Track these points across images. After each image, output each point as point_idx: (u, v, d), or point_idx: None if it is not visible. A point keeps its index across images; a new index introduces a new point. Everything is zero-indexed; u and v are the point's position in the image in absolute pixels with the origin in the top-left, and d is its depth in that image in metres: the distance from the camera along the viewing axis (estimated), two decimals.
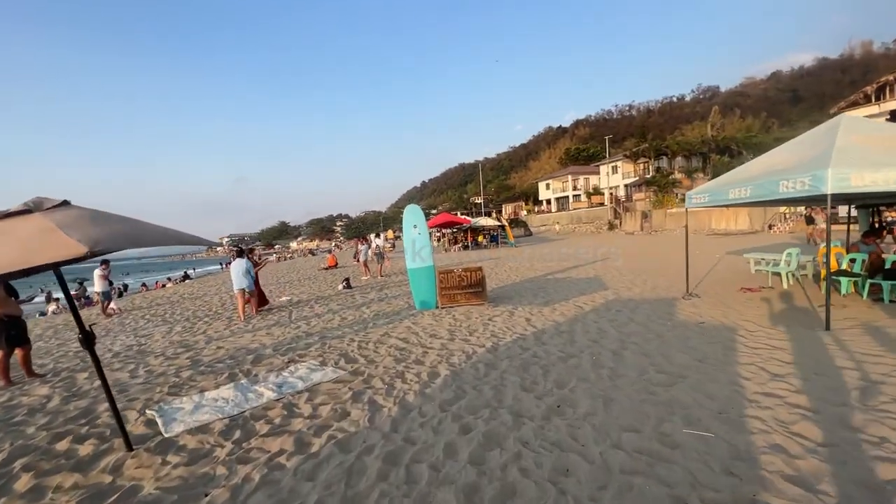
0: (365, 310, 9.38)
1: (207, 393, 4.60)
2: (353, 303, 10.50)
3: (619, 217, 43.43)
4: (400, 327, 7.33)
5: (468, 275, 8.63)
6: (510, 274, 14.13)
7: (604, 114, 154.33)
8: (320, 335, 7.21)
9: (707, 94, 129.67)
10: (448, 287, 8.61)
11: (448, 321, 7.50)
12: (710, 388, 3.84)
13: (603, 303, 8.19)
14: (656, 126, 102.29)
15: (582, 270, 13.76)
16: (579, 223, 48.64)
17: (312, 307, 10.37)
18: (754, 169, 7.09)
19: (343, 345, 6.40)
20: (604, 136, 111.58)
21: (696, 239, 25.04)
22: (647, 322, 6.48)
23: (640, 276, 11.60)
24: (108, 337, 8.77)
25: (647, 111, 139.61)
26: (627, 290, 9.40)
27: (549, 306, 8.22)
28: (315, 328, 7.86)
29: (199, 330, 8.63)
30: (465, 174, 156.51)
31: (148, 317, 11.01)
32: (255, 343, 7.02)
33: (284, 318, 9.19)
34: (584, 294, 9.31)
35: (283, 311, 10.03)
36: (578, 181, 62.37)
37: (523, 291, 10.27)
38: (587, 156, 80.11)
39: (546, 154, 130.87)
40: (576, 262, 16.58)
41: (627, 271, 12.79)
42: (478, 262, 18.47)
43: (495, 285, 11.74)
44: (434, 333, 6.67)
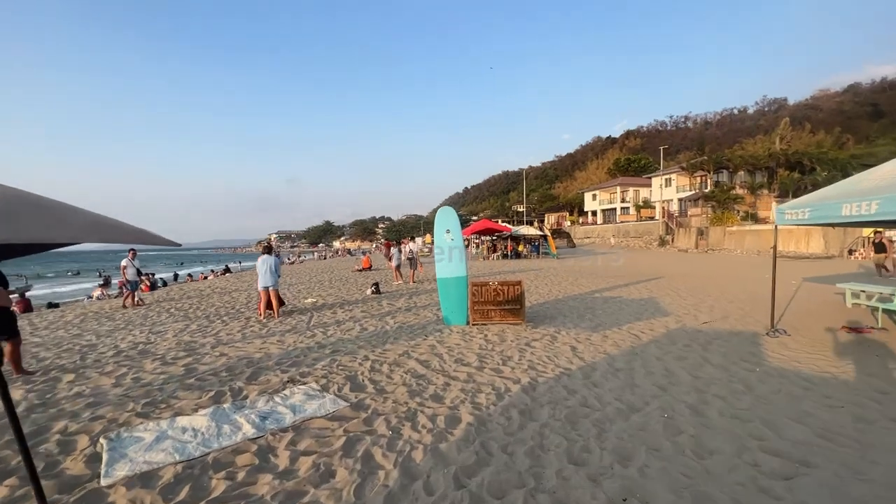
0: (389, 320, 8.50)
1: (179, 419, 3.80)
2: (378, 310, 9.66)
3: (671, 233, 40.73)
4: (423, 346, 6.36)
5: (505, 289, 7.56)
6: (552, 288, 12.88)
7: (657, 125, 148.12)
8: (333, 348, 6.36)
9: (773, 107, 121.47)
10: (481, 302, 7.57)
11: (479, 342, 6.46)
12: (858, 490, 2.61)
13: (664, 333, 6.88)
14: (714, 139, 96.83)
15: (633, 289, 12.31)
16: (627, 237, 46.14)
17: (335, 312, 9.61)
18: (877, 180, 5.61)
19: (355, 364, 5.51)
20: (656, 147, 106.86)
21: (760, 261, 22.67)
22: (728, 365, 5.17)
23: (703, 300, 10.07)
24: (124, 330, 8.35)
25: (704, 123, 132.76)
26: (692, 318, 8.00)
27: (598, 332, 7.00)
28: (331, 339, 7.04)
29: (213, 330, 8.02)
30: (508, 182, 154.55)
31: (172, 310, 10.64)
32: (262, 352, 6.27)
33: (303, 323, 8.46)
34: (640, 319, 8.00)
35: (304, 315, 9.33)
36: (628, 193, 59.52)
37: (567, 311, 9.06)
38: (638, 167, 76.67)
39: (593, 164, 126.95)
40: (626, 279, 15.06)
41: (687, 293, 11.25)
42: (517, 274, 17.34)
43: (535, 301, 10.57)
44: (460, 358, 5.65)
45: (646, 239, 43.01)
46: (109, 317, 10.14)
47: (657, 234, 42.08)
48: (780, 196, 40.98)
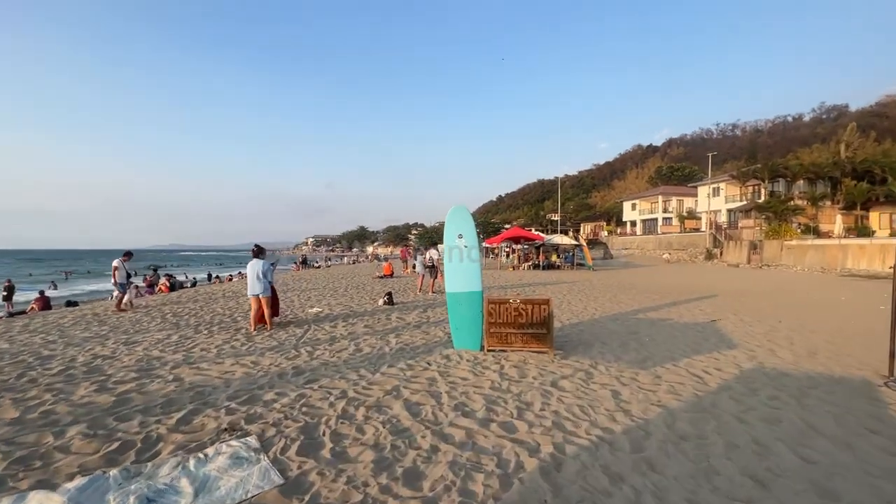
0: (392, 339, 7.23)
1: (35, 495, 2.63)
2: (384, 325, 8.42)
3: (719, 245, 37.71)
4: (421, 379, 5.04)
5: (528, 309, 6.13)
6: (587, 305, 11.26)
7: (702, 133, 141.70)
8: (311, 376, 5.14)
9: (832, 114, 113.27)
10: (499, 323, 6.17)
11: (491, 377, 5.07)
12: None
13: (737, 374, 5.26)
14: (765, 148, 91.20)
15: (684, 310, 10.53)
16: (669, 249, 43.25)
17: (336, 326, 8.44)
18: None
19: (324, 405, 4.24)
20: (700, 156, 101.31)
21: (827, 281, 20.01)
22: (849, 437, 3.56)
23: (775, 327, 8.24)
24: (100, 339, 7.47)
25: (754, 131, 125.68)
26: (769, 353, 6.29)
27: (647, 369, 5.46)
28: (314, 362, 5.82)
29: (190, 344, 6.99)
30: (543, 190, 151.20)
31: (168, 316, 9.78)
32: (224, 378, 5.12)
33: (293, 338, 7.32)
34: (700, 352, 6.37)
35: (300, 328, 8.21)
36: (670, 202, 56.26)
37: (606, 335, 7.50)
38: (682, 176, 72.85)
39: (632, 174, 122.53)
40: (673, 296, 13.20)
41: (752, 317, 9.40)
42: (548, 287, 15.69)
43: (567, 320, 9.03)
44: (463, 403, 4.28)
45: (690, 252, 40.08)
46: (102, 321, 9.37)
47: (703, 246, 39.10)
48: (846, 208, 37.22)
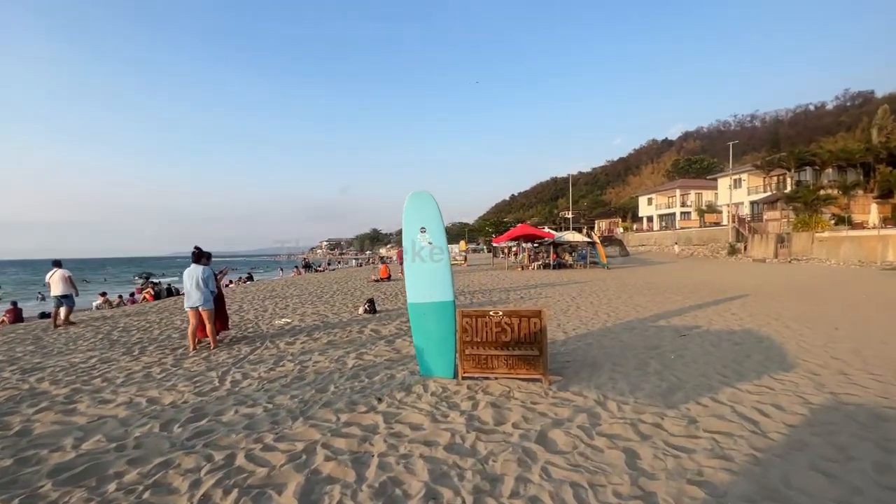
0: (350, 359, 5.84)
1: None
2: (351, 340, 7.03)
3: (743, 239, 35.48)
4: (355, 428, 3.62)
5: (514, 323, 4.65)
6: (599, 310, 9.70)
7: (719, 125, 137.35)
8: (201, 429, 3.75)
9: (857, 101, 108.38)
10: (477, 343, 4.71)
11: (454, 425, 3.63)
12: None
13: (808, 418, 3.69)
14: (787, 139, 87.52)
15: (714, 314, 8.90)
16: (689, 244, 41.09)
17: (295, 341, 7.09)
18: None
19: (181, 488, 2.86)
20: (718, 149, 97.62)
21: (868, 275, 18.00)
22: None
23: (832, 335, 6.59)
24: (13, 361, 6.26)
25: (774, 121, 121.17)
26: (841, 378, 4.68)
27: (676, 408, 3.93)
28: (230, 399, 4.45)
29: (107, 369, 5.69)
30: (556, 188, 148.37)
31: (106, 333, 8.52)
32: (93, 424, 3.78)
33: (234, 359, 5.99)
34: (745, 376, 4.80)
35: (251, 346, 6.88)
36: (689, 196, 53.88)
37: (619, 351, 5.97)
38: (700, 168, 70.17)
39: (648, 169, 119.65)
40: (699, 296, 11.53)
41: (797, 322, 7.74)
42: (555, 287, 13.87)
43: (573, 329, 7.51)
44: (396, 477, 2.85)
45: (711, 247, 37.91)
46: (38, 339, 8.21)
47: (725, 241, 36.91)
48: (881, 197, 34.61)
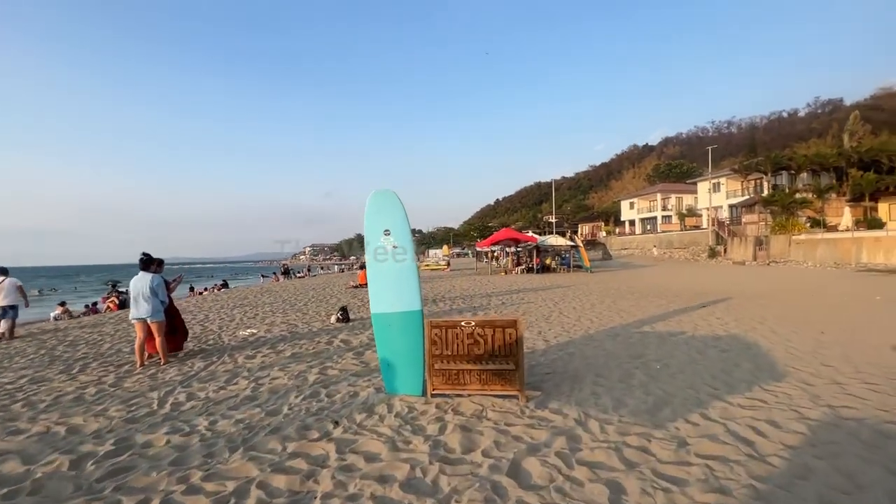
0: (312, 374, 5.34)
1: None
2: (318, 353, 6.53)
3: (722, 242, 35.88)
4: (301, 460, 3.15)
5: (488, 334, 4.24)
6: (582, 315, 9.37)
7: (697, 131, 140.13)
8: (119, 466, 3.23)
9: (827, 108, 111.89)
10: (448, 356, 4.28)
11: (417, 454, 3.19)
12: None
13: (807, 437, 3.34)
14: (762, 144, 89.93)
15: (699, 318, 8.64)
16: (670, 248, 41.44)
17: (256, 355, 6.54)
18: None
19: None
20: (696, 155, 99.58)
21: (844, 276, 18.17)
22: None
23: (824, 343, 6.34)
24: None
25: (750, 128, 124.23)
26: (836, 387, 4.38)
27: (664, 427, 3.56)
28: (186, 413, 3.98)
29: (35, 390, 5.09)
30: (540, 193, 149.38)
31: (50, 347, 7.82)
32: (31, 447, 3.22)
33: (183, 376, 5.44)
34: (735, 387, 4.47)
35: (208, 359, 6.32)
36: (669, 200, 54.60)
37: (602, 361, 5.60)
38: (679, 173, 71.27)
39: (629, 173, 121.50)
40: (683, 300, 11.31)
41: (786, 328, 7.50)
42: (538, 292, 13.51)
43: (554, 338, 7.13)
44: None
45: (692, 250, 38.26)
46: None
47: (706, 244, 37.28)
48: (854, 200, 35.41)
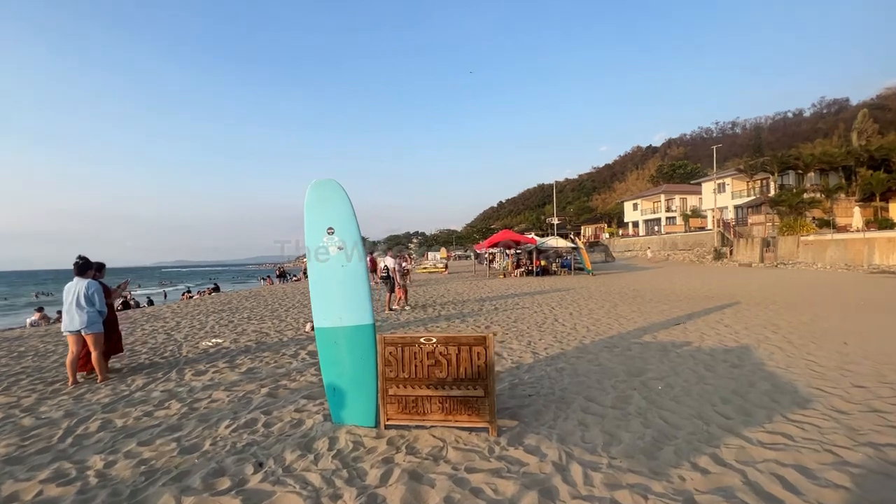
0: (261, 395, 4.63)
1: None
2: (278, 368, 5.81)
3: (728, 244, 34.97)
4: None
5: (452, 354, 3.51)
6: (578, 322, 8.62)
7: (701, 132, 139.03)
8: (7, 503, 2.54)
9: (833, 108, 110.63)
10: (405, 380, 3.55)
11: None
12: None
13: (854, 496, 2.61)
14: (767, 144, 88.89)
15: (705, 326, 7.87)
16: (675, 249, 40.54)
17: (209, 369, 5.84)
18: None
19: None
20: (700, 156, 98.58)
21: (858, 279, 17.30)
22: None
23: (849, 356, 5.56)
24: None
25: (754, 128, 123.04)
26: (876, 418, 3.60)
27: (663, 475, 2.81)
28: (85, 450, 3.28)
29: None
30: (543, 194, 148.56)
31: (5, 360, 7.17)
32: None
33: (126, 392, 4.74)
34: (753, 417, 3.71)
35: (152, 375, 5.61)
36: (673, 201, 53.68)
37: (595, 379, 4.85)
38: (683, 173, 70.34)
39: (633, 175, 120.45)
40: (687, 305, 10.54)
41: (803, 338, 6.72)
42: (535, 296, 12.67)
43: (544, 349, 6.37)
44: None
45: (697, 252, 37.32)
46: None
47: (711, 245, 36.37)
48: (863, 200, 34.46)
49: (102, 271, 5.95)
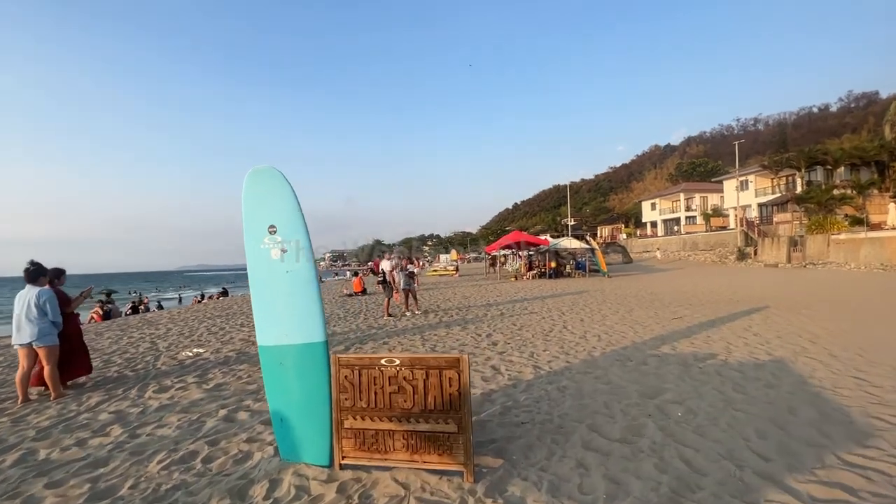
0: (215, 419, 4.06)
1: None
2: (249, 384, 5.25)
3: (752, 244, 33.48)
4: None
5: (419, 379, 2.86)
6: (588, 331, 7.86)
7: (722, 129, 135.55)
8: None
9: (861, 102, 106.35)
10: (363, 410, 2.92)
11: None
12: None
13: None
14: (791, 141, 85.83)
15: (732, 334, 7.03)
16: (695, 250, 39.11)
17: (178, 383, 5.32)
18: None
19: None
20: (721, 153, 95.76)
21: (893, 281, 16.02)
22: None
23: None
24: None
25: (778, 124, 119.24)
26: None
27: None
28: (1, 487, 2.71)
29: None
30: (559, 195, 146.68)
31: None
32: None
33: (72, 413, 4.22)
34: (798, 459, 2.96)
35: (114, 391, 5.11)
36: (693, 200, 52.00)
37: (600, 405, 4.13)
38: (703, 172, 68.33)
39: (651, 174, 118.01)
40: (709, 310, 9.65)
41: (848, 350, 5.85)
42: (545, 300, 11.70)
43: (545, 364, 5.66)
44: None
45: (719, 252, 35.86)
46: None
47: (734, 245, 34.91)
48: None
49: (62, 278, 5.47)
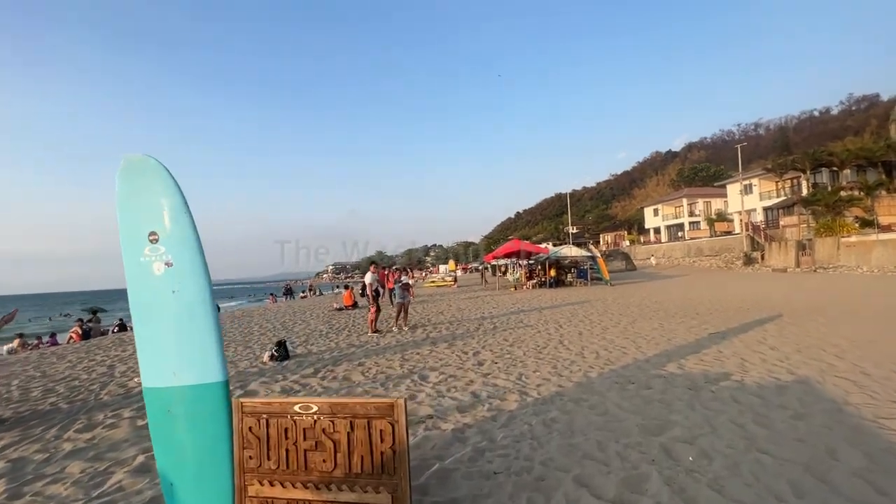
0: (126, 467, 3.34)
1: None
2: None
3: (759, 248, 32.61)
4: None
5: (342, 431, 2.15)
6: (585, 347, 7.10)
7: (723, 134, 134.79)
8: None
9: (862, 105, 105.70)
10: (272, 473, 2.21)
11: None
12: None
13: None
14: (793, 144, 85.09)
15: (746, 348, 6.25)
16: (700, 256, 38.24)
17: (113, 417, 4.63)
18: None
19: None
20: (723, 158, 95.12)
21: None
22: None
23: None
24: None
25: (779, 129, 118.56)
26: None
27: None
28: None
29: None
30: (561, 204, 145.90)
31: None
32: None
33: None
34: None
35: (24, 433, 4.42)
36: (696, 205, 51.20)
37: (592, 446, 3.37)
38: (705, 176, 67.63)
39: (653, 181, 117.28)
40: (717, 320, 8.86)
41: (881, 366, 5.08)
42: (543, 311, 10.70)
43: (533, 389, 4.90)
44: None
45: (724, 257, 34.98)
46: None
47: (740, 250, 34.03)
48: None
49: None
